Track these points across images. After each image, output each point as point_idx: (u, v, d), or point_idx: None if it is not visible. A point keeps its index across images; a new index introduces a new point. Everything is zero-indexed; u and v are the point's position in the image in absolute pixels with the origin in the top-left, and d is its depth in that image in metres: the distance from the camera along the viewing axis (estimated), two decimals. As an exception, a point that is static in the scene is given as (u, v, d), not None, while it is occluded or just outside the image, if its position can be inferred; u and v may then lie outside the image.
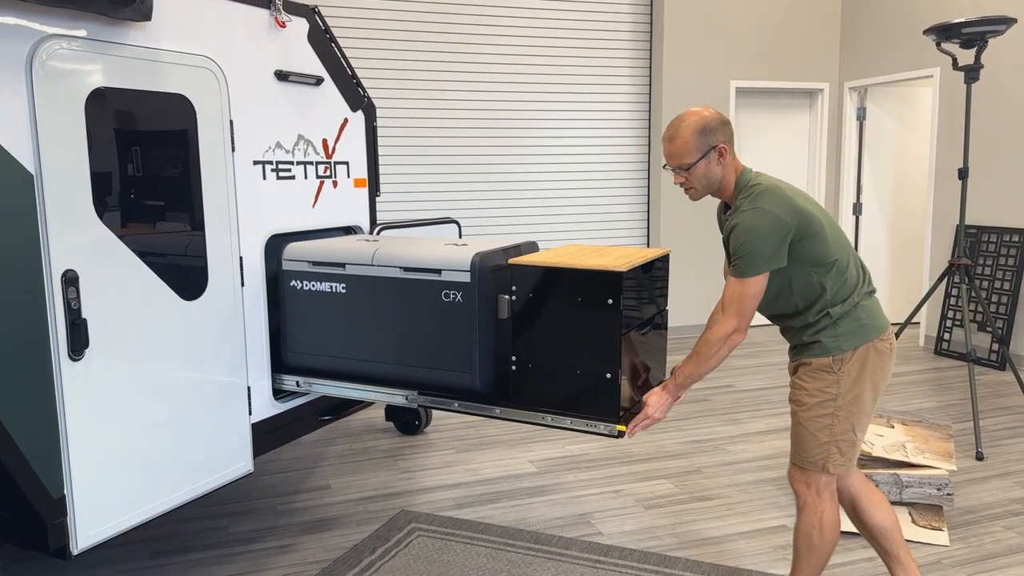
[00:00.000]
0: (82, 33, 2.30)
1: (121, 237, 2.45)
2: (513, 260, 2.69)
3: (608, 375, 2.58)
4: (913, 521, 3.26)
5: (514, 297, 2.69)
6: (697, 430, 4.64)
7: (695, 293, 7.24)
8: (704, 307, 7.28)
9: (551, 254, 2.81)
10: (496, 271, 2.85)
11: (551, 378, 2.67)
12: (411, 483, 3.92)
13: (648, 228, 7.27)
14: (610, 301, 2.52)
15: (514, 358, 2.72)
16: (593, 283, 2.54)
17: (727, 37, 7.01)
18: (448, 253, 2.88)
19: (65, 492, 2.33)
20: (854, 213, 7.47)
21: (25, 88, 2.15)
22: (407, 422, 4.59)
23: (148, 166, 2.53)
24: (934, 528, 3.24)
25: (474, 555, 3.16)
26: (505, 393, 2.88)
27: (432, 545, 3.25)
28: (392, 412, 4.65)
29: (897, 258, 7.55)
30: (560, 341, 2.63)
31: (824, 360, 2.32)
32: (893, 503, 3.28)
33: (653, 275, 2.83)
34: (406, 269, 2.93)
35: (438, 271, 2.87)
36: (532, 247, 3.13)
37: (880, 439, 3.43)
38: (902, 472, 3.24)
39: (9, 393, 2.16)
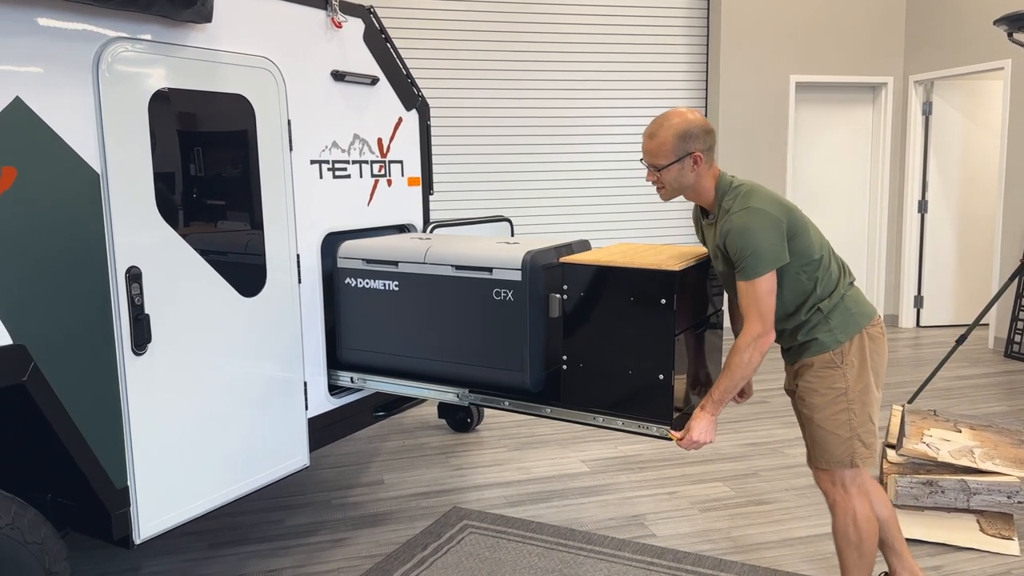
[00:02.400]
0: (145, 36, 2.36)
1: (183, 235, 2.50)
2: (565, 259, 2.67)
3: (661, 376, 2.53)
4: (981, 529, 3.14)
5: (565, 296, 2.67)
6: (754, 432, 4.55)
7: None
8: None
9: (603, 253, 2.78)
10: (547, 269, 2.85)
11: (602, 378, 2.64)
12: (463, 480, 3.93)
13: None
14: (663, 301, 2.48)
15: (565, 357, 2.70)
16: (646, 282, 2.50)
17: (787, 30, 6.86)
18: (499, 251, 2.88)
19: (128, 483, 2.39)
20: (919, 211, 7.24)
21: (92, 90, 2.22)
22: (459, 419, 4.61)
23: (208, 165, 2.59)
24: (1003, 537, 3.11)
25: (526, 554, 3.15)
26: (556, 392, 2.86)
27: (484, 543, 3.26)
28: (444, 409, 4.67)
29: (965, 258, 7.30)
30: (612, 341, 2.59)
31: (826, 356, 2.33)
32: (960, 510, 3.17)
33: (708, 274, 2.78)
34: (457, 267, 2.94)
35: (489, 269, 2.87)
36: (584, 246, 3.10)
37: (947, 444, 3.31)
38: (970, 479, 3.12)
39: (77, 386, 2.22)
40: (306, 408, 3.04)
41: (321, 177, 3.06)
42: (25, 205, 2.08)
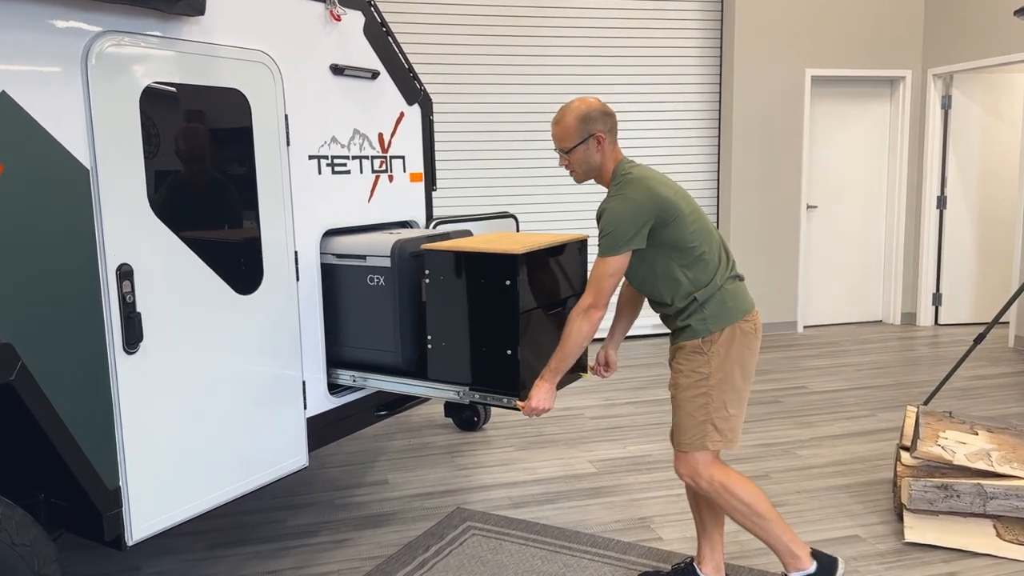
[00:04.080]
0: (136, 29, 2.31)
1: (176, 232, 2.46)
2: (425, 245, 2.92)
3: (509, 352, 2.79)
4: (998, 535, 3.05)
5: (428, 280, 2.93)
6: (767, 433, 4.47)
7: (763, 287, 7.00)
8: (771, 301, 7.04)
9: (468, 241, 3.03)
10: (416, 256, 3.08)
11: (461, 355, 2.90)
12: (468, 480, 3.88)
13: (717, 222, 7.06)
14: (507, 282, 2.75)
15: (429, 337, 2.96)
16: (492, 266, 2.77)
17: (802, 22, 6.74)
18: (372, 240, 3.12)
19: (120, 484, 2.35)
20: (938, 207, 7.10)
21: (81, 84, 2.18)
22: (466, 418, 4.55)
23: (203, 161, 2.54)
24: (1021, 543, 3.01)
25: (528, 556, 3.09)
26: (424, 370, 3.10)
27: (486, 545, 3.20)
28: (450, 408, 4.62)
29: (984, 254, 7.15)
30: (467, 320, 2.87)
31: (695, 342, 2.47)
32: (976, 515, 3.07)
33: (565, 259, 3.00)
34: (338, 256, 3.17)
35: (363, 257, 3.12)
36: (465, 234, 3.36)
37: (962, 447, 3.22)
38: (986, 483, 3.03)
39: (66, 385, 2.19)
40: (305, 407, 3.00)
41: (320, 173, 3.01)
42: (12, 201, 2.04)
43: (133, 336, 2.34)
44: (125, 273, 2.32)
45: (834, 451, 4.15)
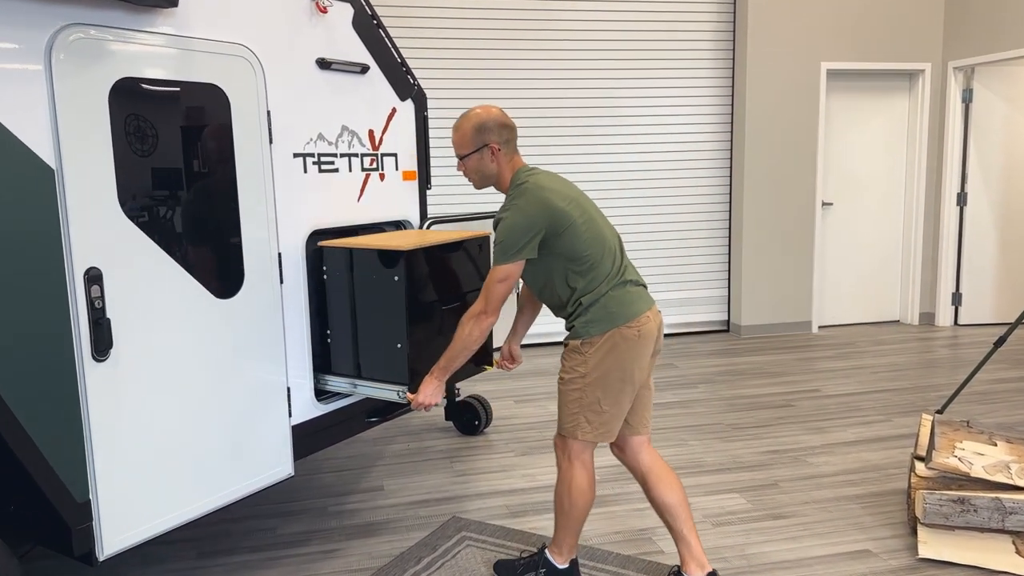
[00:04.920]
0: (104, 21, 2.21)
1: (148, 233, 2.36)
2: (322, 242, 3.00)
3: (399, 345, 2.89)
4: (1017, 552, 2.89)
5: (326, 276, 3.04)
6: (776, 439, 4.32)
7: (776, 286, 6.83)
8: (785, 300, 6.87)
9: (368, 238, 3.12)
10: (316, 253, 3.10)
11: (357, 348, 3.02)
12: (465, 487, 3.76)
13: (729, 219, 6.90)
14: (396, 278, 2.84)
15: (329, 331, 3.07)
16: (381, 262, 2.87)
17: (817, 14, 6.55)
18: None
19: (90, 496, 2.26)
20: (958, 204, 6.89)
21: (45, 79, 2.08)
22: (466, 421, 4.44)
23: (178, 159, 2.44)
24: (1043, 561, 2.86)
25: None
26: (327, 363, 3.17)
27: (480, 557, 3.08)
28: (451, 411, 4.51)
29: (1006, 253, 6.94)
30: (362, 314, 2.97)
31: (575, 343, 2.59)
32: (994, 531, 2.92)
33: (462, 255, 3.09)
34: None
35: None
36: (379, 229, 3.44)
37: (980, 458, 3.06)
38: (1005, 496, 2.87)
39: (30, 395, 2.09)
40: (290, 415, 2.89)
41: (306, 171, 2.90)
42: (-31, 203, 1.95)
43: (102, 343, 2.24)
44: (94, 277, 2.22)
45: (846, 459, 4.00)
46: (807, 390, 5.20)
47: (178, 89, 2.41)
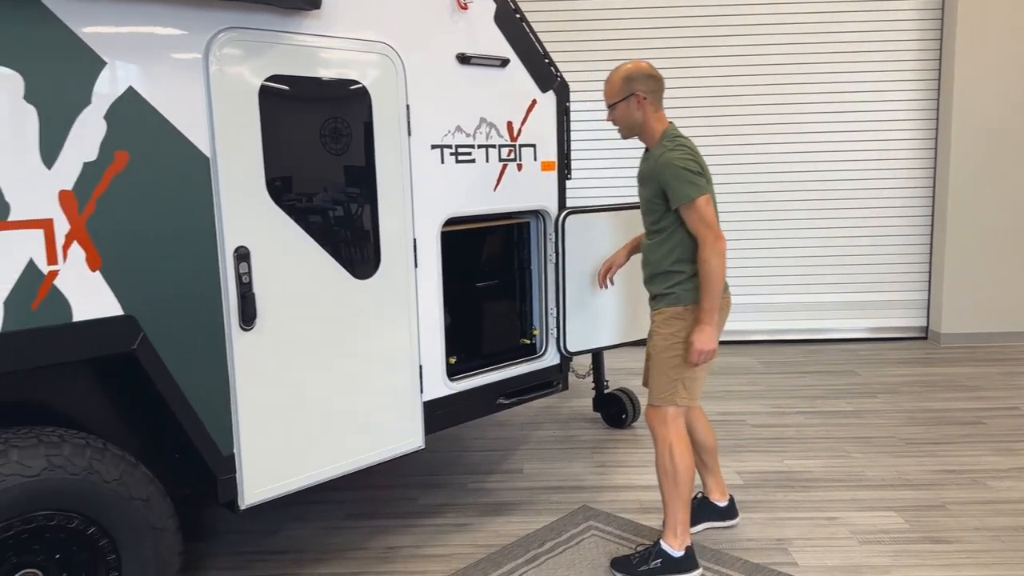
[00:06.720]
0: (255, 24, 2.45)
1: (293, 217, 2.59)
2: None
3: None
4: None
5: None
6: (954, 457, 3.91)
7: (980, 297, 6.13)
8: (990, 312, 6.14)
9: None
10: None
11: None
12: (602, 478, 3.77)
13: (932, 219, 6.29)
14: None
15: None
16: None
17: (1046, -12, 5.79)
18: None
19: (234, 451, 2.53)
20: None
21: (202, 79, 2.35)
22: (613, 414, 4.43)
23: (322, 150, 2.65)
24: None
25: (641, 565, 2.93)
26: None
27: (603, 548, 3.09)
28: (599, 403, 4.51)
29: None
30: None
31: (676, 309, 2.76)
32: None
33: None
34: None
35: None
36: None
37: None
38: None
39: (185, 356, 2.38)
40: (421, 391, 3.05)
41: (443, 162, 3.04)
42: (137, 187, 2.25)
43: (248, 314, 2.50)
44: (242, 255, 2.48)
45: (1035, 486, 3.55)
46: (1004, 407, 4.65)
47: (321, 85, 2.63)
